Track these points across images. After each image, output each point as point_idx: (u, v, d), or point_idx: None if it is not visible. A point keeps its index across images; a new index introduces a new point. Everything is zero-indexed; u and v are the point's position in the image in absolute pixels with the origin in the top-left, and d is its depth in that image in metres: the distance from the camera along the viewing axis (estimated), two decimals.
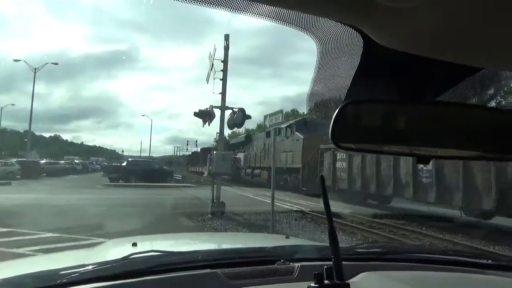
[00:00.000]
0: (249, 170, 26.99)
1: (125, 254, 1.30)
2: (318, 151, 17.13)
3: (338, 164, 15.28)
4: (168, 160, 54.37)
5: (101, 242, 2.65)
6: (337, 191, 15.01)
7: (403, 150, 0.72)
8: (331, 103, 0.70)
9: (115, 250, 1.61)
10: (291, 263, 1.32)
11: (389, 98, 0.72)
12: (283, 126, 20.09)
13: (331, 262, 0.93)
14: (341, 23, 0.57)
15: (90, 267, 1.17)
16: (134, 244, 1.61)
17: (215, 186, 11.73)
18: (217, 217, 10.66)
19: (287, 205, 13.45)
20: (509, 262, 1.53)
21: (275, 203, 9.46)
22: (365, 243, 2.26)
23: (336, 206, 11.43)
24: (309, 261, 1.35)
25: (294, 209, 12.60)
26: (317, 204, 12.97)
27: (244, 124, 13.93)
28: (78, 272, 1.15)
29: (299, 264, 1.30)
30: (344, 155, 14.62)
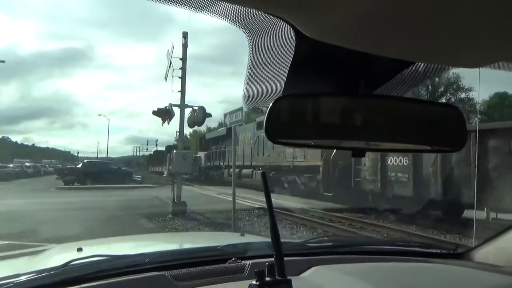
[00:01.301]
0: (243, 171, 21.03)
1: (68, 260, 1.23)
2: None
3: (393, 160, 10.88)
4: (127, 160, 52.81)
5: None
6: (392, 198, 10.82)
7: (339, 144, 0.72)
8: (267, 98, 0.69)
9: (58, 257, 1.52)
10: (243, 261, 1.31)
11: (324, 91, 0.72)
12: None
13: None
14: (271, 15, 0.56)
15: (24, 277, 1.09)
16: (79, 249, 1.53)
17: (175, 186, 11.54)
18: (178, 217, 10.49)
19: (249, 202, 13.47)
20: (453, 250, 1.61)
21: (237, 200, 9.45)
22: (317, 237, 2.30)
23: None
24: (262, 258, 1.34)
25: (257, 206, 12.66)
26: (279, 201, 13.11)
27: (205, 122, 13.78)
28: (11, 282, 1.07)
29: (251, 262, 1.29)
30: None
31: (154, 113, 12.77)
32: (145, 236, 2.63)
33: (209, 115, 12.95)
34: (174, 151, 12.05)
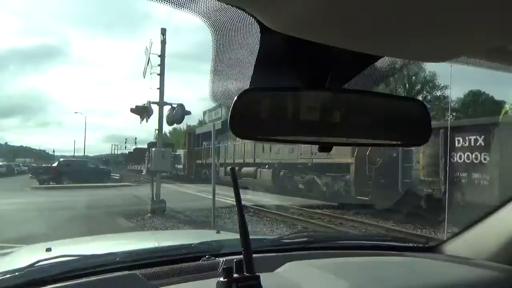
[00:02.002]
0: (244, 169, 18.62)
1: (35, 261, 1.18)
2: None
3: (464, 157, 8.30)
4: (105, 159, 51.79)
5: None
6: (462, 205, 8.06)
7: (305, 138, 0.71)
8: (234, 94, 0.67)
9: (25, 258, 1.47)
10: (217, 258, 1.30)
11: (291, 85, 0.71)
12: None
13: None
14: (234, 6, 0.55)
15: None
16: (48, 249, 1.48)
17: (155, 184, 11.40)
18: (157, 215, 10.37)
19: (230, 200, 13.45)
20: (425, 244, 1.64)
21: (218, 198, 9.40)
22: (292, 233, 2.31)
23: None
24: (236, 255, 1.33)
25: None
26: (259, 198, 13.14)
27: (185, 120, 13.66)
28: None
29: (225, 259, 1.28)
30: (480, 139, 8.05)
31: (132, 110, 12.57)
32: (117, 235, 2.57)
33: (188, 112, 12.84)
34: (153, 149, 11.90)
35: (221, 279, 0.87)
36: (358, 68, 0.73)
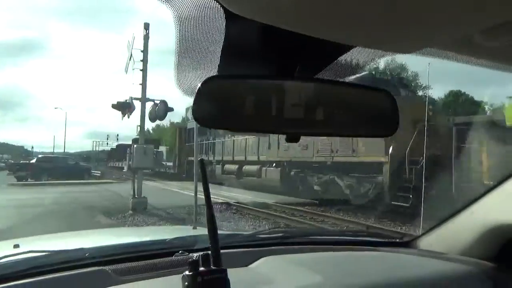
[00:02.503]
0: (230, 166, 17.49)
1: None
2: (452, 130, 8.87)
3: None
4: (86, 155, 50.82)
5: None
6: None
7: (272, 128, 0.70)
8: (199, 81, 0.65)
9: None
10: (190, 254, 1.28)
11: (258, 73, 0.69)
12: None
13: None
14: None
15: None
16: (16, 246, 1.43)
17: (136, 181, 11.25)
18: (138, 212, 10.24)
19: (212, 197, 13.37)
20: (400, 239, 1.66)
21: (199, 195, 9.36)
22: (268, 228, 2.31)
23: None
24: (205, 250, 1.32)
25: (220, 201, 12.59)
26: (243, 195, 13.12)
27: (167, 116, 13.50)
28: None
29: (199, 254, 1.26)
30: None
31: (114, 106, 12.38)
32: (90, 231, 2.50)
33: (171, 109, 12.70)
34: (135, 145, 11.75)
35: (187, 272, 0.85)
36: (328, 57, 0.72)
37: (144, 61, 12.21)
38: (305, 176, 13.08)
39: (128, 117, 12.17)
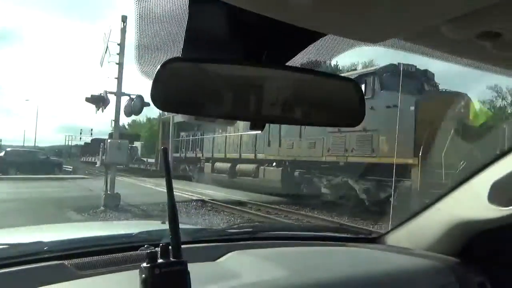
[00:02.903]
0: (222, 165, 15.88)
1: None
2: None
3: None
4: (58, 150, 49.31)
5: None
6: None
7: (235, 114, 0.68)
8: (159, 60, 0.62)
9: None
10: (156, 248, 1.24)
11: (224, 57, 0.67)
12: None
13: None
14: None
15: None
16: None
17: (109, 177, 11.01)
18: (111, 209, 10.02)
19: (187, 194, 13.25)
20: (367, 235, 1.68)
21: (175, 192, 9.23)
22: (238, 224, 2.30)
23: None
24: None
25: (195, 198, 12.48)
26: (217, 193, 13.06)
27: (144, 112, 13.26)
28: None
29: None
30: None
31: (87, 100, 12.07)
32: (53, 225, 2.40)
33: (147, 104, 12.45)
34: (109, 140, 11.49)
35: (144, 264, 0.82)
36: (297, 45, 0.71)
37: (121, 54, 11.94)
38: (311, 177, 11.75)
39: (102, 111, 11.91)
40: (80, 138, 47.90)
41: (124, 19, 12.19)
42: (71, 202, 11.02)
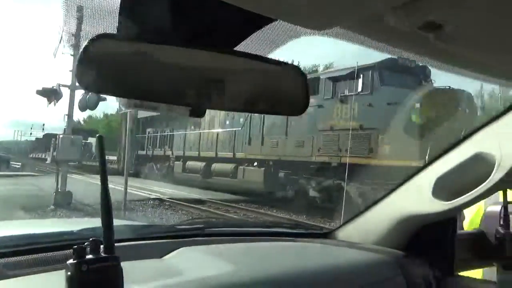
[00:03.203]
0: (195, 164, 14.76)
1: None
2: None
3: None
4: (7, 146, 46.36)
5: None
6: None
7: (172, 98, 0.63)
8: (87, 36, 0.57)
9: None
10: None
11: (162, 37, 0.62)
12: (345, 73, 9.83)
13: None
14: None
15: None
16: None
17: (60, 174, 10.49)
18: (61, 208, 9.56)
19: (144, 193, 12.90)
20: (319, 230, 1.70)
21: (131, 191, 8.98)
22: (188, 219, 2.24)
23: None
24: (122, 242, 1.22)
25: (152, 196, 12.18)
26: (176, 191, 12.83)
27: (101, 107, 12.74)
28: None
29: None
30: None
31: (39, 92, 11.43)
32: None
33: (103, 98, 12.00)
34: (61, 135, 10.96)
35: (71, 261, 0.76)
36: (243, 29, 0.68)
37: (76, 46, 11.42)
38: (297, 179, 10.90)
39: (55, 105, 11.33)
40: (31, 134, 45.20)
41: (79, 9, 11.65)
42: (19, 201, 10.37)
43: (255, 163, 12.33)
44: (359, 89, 9.56)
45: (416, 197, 1.40)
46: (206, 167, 14.29)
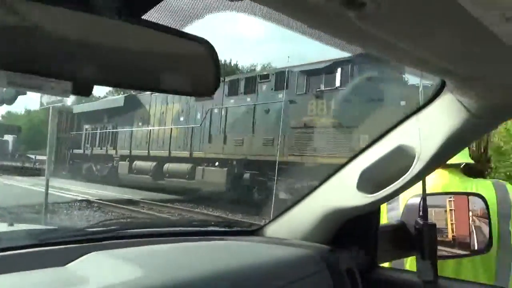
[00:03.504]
0: (145, 164, 13.58)
1: None
2: None
3: None
4: None
5: None
6: None
7: (54, 70, 0.51)
8: None
9: None
10: None
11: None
12: None
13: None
14: None
15: None
16: None
17: None
18: None
19: (70, 194, 12.02)
20: (247, 227, 1.65)
21: (56, 193, 8.30)
22: (100, 222, 2.08)
23: None
24: (16, 249, 1.06)
25: (80, 198, 11.40)
26: (104, 192, 12.15)
27: (18, 100, 11.61)
28: None
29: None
30: None
31: None
32: None
33: (23, 92, 10.97)
34: None
35: None
36: None
37: None
38: (266, 180, 10.08)
39: None
40: None
41: None
42: None
43: (216, 163, 11.60)
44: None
45: (341, 191, 1.39)
46: (157, 168, 13.25)
